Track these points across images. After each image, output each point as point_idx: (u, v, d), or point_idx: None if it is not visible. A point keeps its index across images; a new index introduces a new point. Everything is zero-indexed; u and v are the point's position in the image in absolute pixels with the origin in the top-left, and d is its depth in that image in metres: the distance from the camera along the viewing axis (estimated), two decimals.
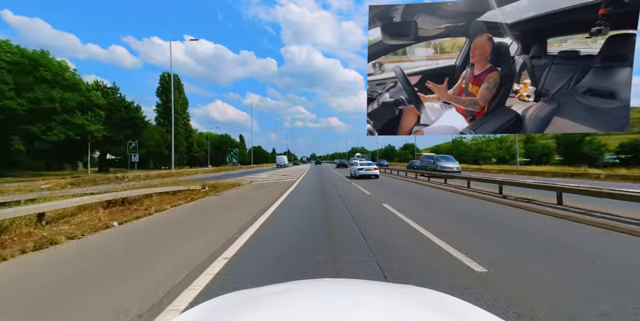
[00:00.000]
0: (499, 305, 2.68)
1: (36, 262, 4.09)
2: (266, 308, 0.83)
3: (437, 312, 0.80)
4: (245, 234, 5.43)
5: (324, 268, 3.68)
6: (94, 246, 4.87)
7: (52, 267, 3.92)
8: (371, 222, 6.63)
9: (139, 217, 7.09)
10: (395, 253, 4.30)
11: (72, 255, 4.41)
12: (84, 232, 5.52)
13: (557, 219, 6.97)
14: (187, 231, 5.94)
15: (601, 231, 5.82)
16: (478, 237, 5.35)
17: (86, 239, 5.28)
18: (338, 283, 1.21)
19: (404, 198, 10.81)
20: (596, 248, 4.60)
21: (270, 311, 0.79)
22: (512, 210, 8.25)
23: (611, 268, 3.68)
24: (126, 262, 4.09)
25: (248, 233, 5.43)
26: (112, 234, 5.67)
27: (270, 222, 6.71)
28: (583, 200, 8.70)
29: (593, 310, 2.56)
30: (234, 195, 12.23)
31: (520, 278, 3.40)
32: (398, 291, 1.04)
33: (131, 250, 4.71)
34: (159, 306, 2.71)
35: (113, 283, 3.32)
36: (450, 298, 0.93)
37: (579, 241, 5.17)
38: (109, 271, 3.76)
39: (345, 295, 0.94)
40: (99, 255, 4.45)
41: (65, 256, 4.35)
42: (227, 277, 3.40)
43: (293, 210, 8.22)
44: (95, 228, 5.81)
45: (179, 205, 9.10)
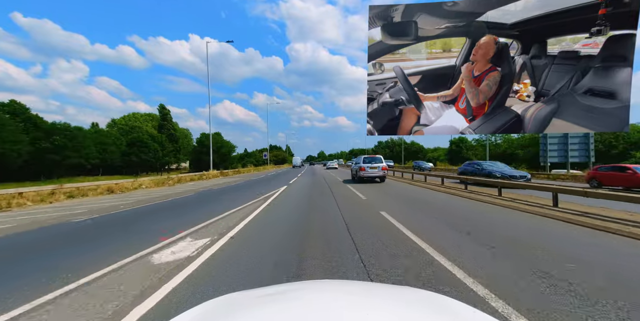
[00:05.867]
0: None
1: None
2: (265, 309, 0.83)
3: (436, 314, 0.80)
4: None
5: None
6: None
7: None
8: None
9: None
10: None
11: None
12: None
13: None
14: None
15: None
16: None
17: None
18: (337, 284, 1.22)
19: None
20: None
21: (269, 311, 0.79)
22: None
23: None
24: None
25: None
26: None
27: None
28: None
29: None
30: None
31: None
32: (396, 292, 1.04)
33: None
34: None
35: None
36: (449, 299, 0.92)
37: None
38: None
39: (344, 296, 0.94)
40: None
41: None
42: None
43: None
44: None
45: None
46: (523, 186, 9.72)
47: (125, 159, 52.11)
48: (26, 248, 5.09)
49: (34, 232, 6.38)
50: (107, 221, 7.38)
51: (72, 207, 10.10)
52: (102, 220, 7.55)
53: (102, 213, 8.60)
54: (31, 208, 10.34)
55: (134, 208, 9.50)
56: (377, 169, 15.84)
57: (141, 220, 7.45)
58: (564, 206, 7.64)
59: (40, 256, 4.52)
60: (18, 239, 5.75)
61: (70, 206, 10.49)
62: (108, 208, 9.61)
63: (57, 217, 8.11)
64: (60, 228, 6.62)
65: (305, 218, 6.82)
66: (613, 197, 6.63)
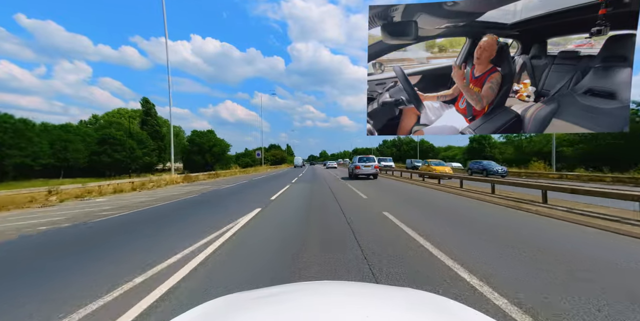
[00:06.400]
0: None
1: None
2: (265, 310, 0.83)
3: (436, 315, 0.80)
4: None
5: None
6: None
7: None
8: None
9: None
10: None
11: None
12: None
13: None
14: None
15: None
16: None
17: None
18: (337, 285, 1.22)
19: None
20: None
21: (268, 313, 0.80)
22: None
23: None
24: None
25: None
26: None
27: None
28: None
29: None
30: None
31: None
32: (397, 294, 1.05)
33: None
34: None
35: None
36: (450, 301, 0.93)
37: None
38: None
39: (343, 297, 0.94)
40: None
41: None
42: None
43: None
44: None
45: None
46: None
47: (94, 159, 43.62)
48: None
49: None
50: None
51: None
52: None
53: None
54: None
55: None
56: (370, 167, 18.26)
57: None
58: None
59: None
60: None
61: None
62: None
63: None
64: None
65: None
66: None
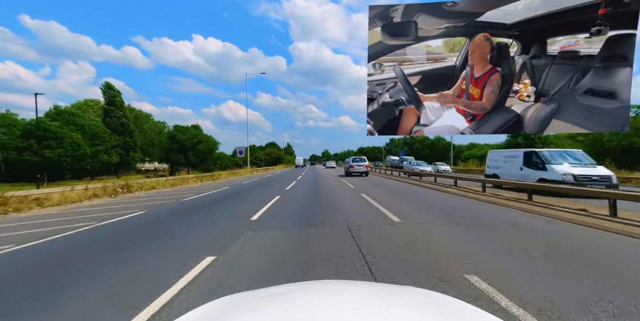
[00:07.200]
0: None
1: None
2: (268, 310, 0.83)
3: (439, 313, 0.80)
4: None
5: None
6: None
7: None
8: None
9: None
10: None
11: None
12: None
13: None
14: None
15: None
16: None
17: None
18: (339, 284, 1.22)
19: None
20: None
21: (271, 312, 0.80)
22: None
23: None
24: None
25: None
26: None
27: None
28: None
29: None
30: None
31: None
32: (399, 292, 1.05)
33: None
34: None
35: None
36: (452, 299, 0.93)
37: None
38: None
39: (346, 296, 0.95)
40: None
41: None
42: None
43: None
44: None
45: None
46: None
47: (10, 157, 30.87)
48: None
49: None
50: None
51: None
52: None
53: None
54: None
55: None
56: (362, 167, 22.18)
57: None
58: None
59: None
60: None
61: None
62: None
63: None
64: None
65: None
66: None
